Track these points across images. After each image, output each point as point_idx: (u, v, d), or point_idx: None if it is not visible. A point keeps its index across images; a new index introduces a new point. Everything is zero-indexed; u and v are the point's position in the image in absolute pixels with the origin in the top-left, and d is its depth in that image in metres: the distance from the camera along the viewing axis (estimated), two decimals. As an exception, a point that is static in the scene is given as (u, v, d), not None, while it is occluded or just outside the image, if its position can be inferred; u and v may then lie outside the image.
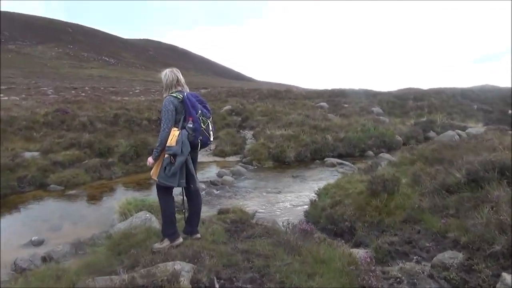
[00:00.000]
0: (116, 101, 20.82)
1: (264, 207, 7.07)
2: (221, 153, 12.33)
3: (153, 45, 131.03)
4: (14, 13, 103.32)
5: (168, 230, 3.80)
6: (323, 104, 24.34)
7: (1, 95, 30.19)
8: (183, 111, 3.65)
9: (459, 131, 15.71)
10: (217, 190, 8.42)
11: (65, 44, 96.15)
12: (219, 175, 9.69)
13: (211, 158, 12.09)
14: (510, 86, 28.26)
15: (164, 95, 3.78)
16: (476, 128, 16.81)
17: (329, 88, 35.24)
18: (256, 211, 5.97)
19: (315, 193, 6.79)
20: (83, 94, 34.62)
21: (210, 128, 3.78)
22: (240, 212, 5.34)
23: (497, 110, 20.99)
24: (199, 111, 3.65)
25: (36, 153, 10.49)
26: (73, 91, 37.27)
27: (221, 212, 5.44)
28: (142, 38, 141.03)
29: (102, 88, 43.58)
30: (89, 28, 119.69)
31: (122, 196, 7.92)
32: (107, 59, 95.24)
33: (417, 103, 22.02)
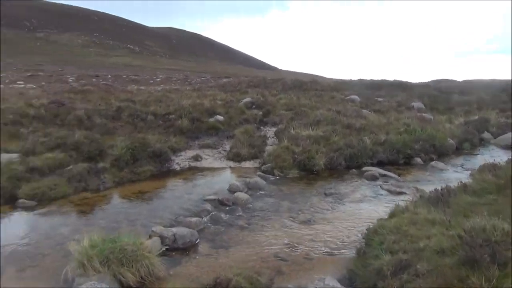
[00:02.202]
0: (126, 92, 19.11)
1: (287, 249, 5.04)
2: (237, 157, 10.30)
3: (177, 34, 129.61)
4: (42, 1, 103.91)
5: None
6: (354, 97, 21.96)
7: (21, 82, 29.25)
8: None
9: (521, 134, 13.18)
10: (226, 215, 6.42)
11: (91, 32, 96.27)
12: (231, 189, 7.70)
13: (224, 163, 10.10)
14: None
15: None
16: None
17: (355, 78, 32.74)
18: (272, 279, 3.95)
19: (363, 237, 4.70)
20: (103, 82, 33.51)
21: None
22: (248, 284, 3.32)
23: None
24: None
25: (15, 155, 8.78)
26: (94, 79, 36.28)
27: (218, 284, 3.42)
28: (165, 26, 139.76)
29: (124, 76, 42.56)
30: (114, 16, 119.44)
31: (99, 221, 6.09)
32: (132, 47, 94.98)
33: (463, 98, 19.32)
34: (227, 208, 6.74)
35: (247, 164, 10.04)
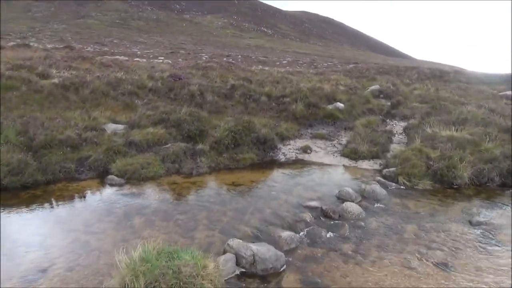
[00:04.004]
0: (246, 71, 18.57)
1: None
2: (353, 154, 8.62)
3: (310, 17, 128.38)
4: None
5: None
6: (509, 93, 17.88)
7: (161, 58, 31.69)
8: None
9: None
10: (329, 232, 4.94)
11: (230, 14, 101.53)
12: (341, 196, 6.18)
13: (337, 160, 8.52)
14: None
15: None
16: None
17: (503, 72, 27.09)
18: None
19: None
20: (233, 61, 34.33)
21: None
22: None
23: None
24: None
25: (121, 126, 8.64)
26: (224, 58, 37.54)
27: None
28: (300, 10, 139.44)
29: (253, 57, 43.23)
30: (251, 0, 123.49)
31: (178, 216, 5.21)
32: (265, 30, 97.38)
33: None
34: (332, 222, 5.26)
35: (365, 164, 8.29)
